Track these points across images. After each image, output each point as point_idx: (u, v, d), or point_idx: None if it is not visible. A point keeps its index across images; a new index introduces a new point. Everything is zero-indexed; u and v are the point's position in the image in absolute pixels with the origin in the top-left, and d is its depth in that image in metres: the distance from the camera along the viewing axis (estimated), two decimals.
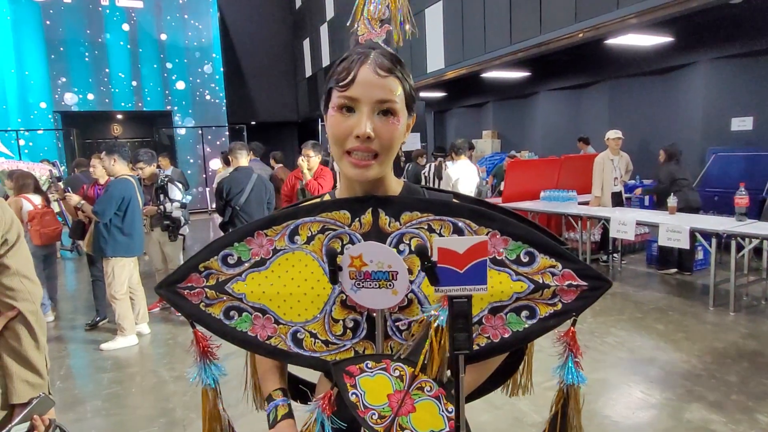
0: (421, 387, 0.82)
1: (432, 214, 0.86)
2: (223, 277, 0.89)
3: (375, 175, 0.85)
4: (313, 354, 0.88)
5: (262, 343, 0.88)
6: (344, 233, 0.88)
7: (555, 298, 0.84)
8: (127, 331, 4.21)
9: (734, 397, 2.99)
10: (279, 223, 0.89)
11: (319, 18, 13.50)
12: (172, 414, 3.10)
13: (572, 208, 6.05)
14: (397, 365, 0.83)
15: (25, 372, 1.34)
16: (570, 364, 0.88)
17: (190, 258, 0.91)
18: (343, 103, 0.82)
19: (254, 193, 4.29)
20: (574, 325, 0.87)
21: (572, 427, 0.91)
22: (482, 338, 0.84)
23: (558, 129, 10.77)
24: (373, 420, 0.82)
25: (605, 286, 0.84)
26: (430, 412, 0.81)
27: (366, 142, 0.81)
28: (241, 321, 0.89)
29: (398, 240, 0.86)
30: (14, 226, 1.35)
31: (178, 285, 0.90)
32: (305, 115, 15.79)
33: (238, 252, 0.89)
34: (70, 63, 11.88)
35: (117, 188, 4.07)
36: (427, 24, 8.87)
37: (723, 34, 7.11)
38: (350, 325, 0.88)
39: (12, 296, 1.32)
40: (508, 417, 2.87)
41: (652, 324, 4.24)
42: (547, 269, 0.84)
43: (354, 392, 0.83)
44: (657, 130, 8.56)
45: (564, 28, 6.09)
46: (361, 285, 0.82)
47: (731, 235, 4.34)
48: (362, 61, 0.82)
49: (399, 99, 0.83)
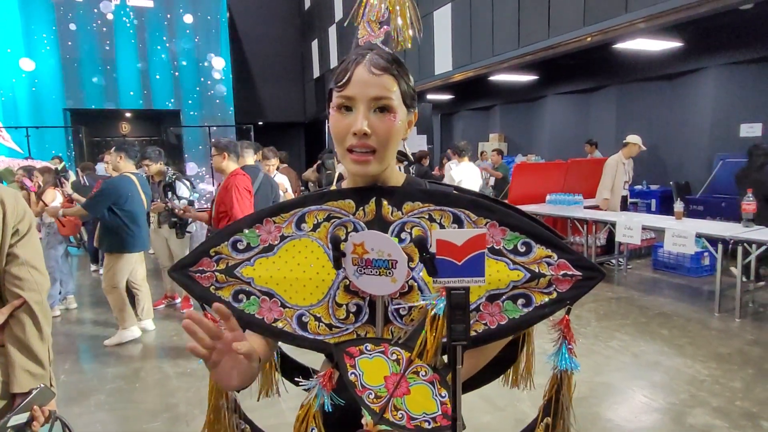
0: (417, 371, 0.85)
1: (433, 204, 0.89)
2: (232, 261, 0.93)
3: (375, 170, 0.88)
4: (317, 337, 0.91)
5: (269, 326, 0.91)
6: (349, 221, 0.91)
7: (550, 287, 0.86)
8: (127, 323, 4.24)
9: (738, 403, 2.97)
10: (287, 211, 0.93)
11: (328, 19, 13.56)
12: (175, 409, 3.12)
13: (578, 212, 6.03)
14: (395, 349, 0.86)
15: (27, 362, 1.35)
16: (564, 351, 0.91)
17: (202, 243, 0.95)
18: (341, 102, 0.87)
19: (261, 191, 4.31)
20: (568, 314, 0.90)
21: (564, 411, 0.93)
22: (480, 325, 0.87)
23: (565, 133, 10.75)
24: (370, 399, 0.85)
25: (599, 276, 0.86)
26: (424, 395, 0.84)
27: (363, 138, 0.85)
28: (249, 304, 0.92)
29: (400, 229, 0.89)
30: (26, 217, 1.38)
31: (189, 268, 0.94)
32: (312, 116, 15.85)
33: (248, 238, 0.93)
34: (80, 61, 11.99)
35: (112, 185, 4.11)
36: (435, 26, 8.89)
37: (732, 39, 7.08)
38: (353, 310, 0.90)
39: (19, 285, 1.34)
40: (510, 419, 2.86)
41: (656, 329, 4.22)
42: (543, 259, 0.86)
43: (353, 372, 0.87)
44: (665, 136, 8.53)
45: (572, 31, 6.09)
46: (363, 271, 0.85)
47: (738, 241, 4.31)
48: (358, 61, 0.87)
49: (395, 96, 0.87)
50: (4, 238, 1.32)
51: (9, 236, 1.33)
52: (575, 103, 10.58)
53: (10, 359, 1.33)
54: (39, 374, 1.36)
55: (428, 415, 0.84)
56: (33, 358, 1.36)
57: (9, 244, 1.33)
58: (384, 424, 0.84)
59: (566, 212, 6.10)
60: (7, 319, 1.34)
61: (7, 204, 1.32)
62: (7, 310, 1.33)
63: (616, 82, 9.33)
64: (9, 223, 1.32)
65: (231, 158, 3.75)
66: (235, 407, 1.02)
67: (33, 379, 1.34)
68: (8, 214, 1.32)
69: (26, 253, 1.36)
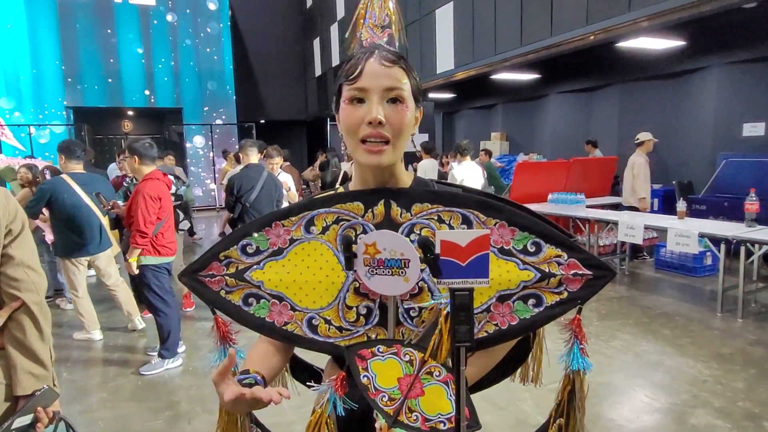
0: (430, 372, 0.85)
1: (441, 205, 0.89)
2: (242, 265, 0.93)
3: (389, 161, 0.88)
4: (327, 339, 0.91)
5: (279, 329, 0.92)
6: (358, 223, 0.91)
7: (561, 286, 0.86)
8: (89, 326, 4.21)
9: (741, 404, 2.97)
10: (295, 214, 0.93)
11: (330, 18, 13.54)
12: (177, 407, 3.12)
13: (580, 211, 6.02)
14: (408, 350, 0.86)
15: (29, 363, 1.32)
16: (576, 351, 0.91)
17: (212, 247, 0.95)
18: (354, 95, 0.86)
19: (264, 190, 4.31)
20: (579, 313, 0.89)
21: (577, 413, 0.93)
22: (490, 325, 0.87)
23: (567, 132, 10.72)
24: (384, 402, 0.85)
25: (609, 275, 0.86)
26: (438, 396, 0.84)
27: (378, 127, 0.85)
28: (259, 307, 0.92)
29: (409, 230, 0.89)
30: (18, 216, 1.34)
31: (199, 273, 0.94)
32: (314, 115, 15.84)
33: (257, 242, 0.93)
34: (82, 59, 12.00)
35: (40, 189, 3.93)
36: (437, 25, 8.87)
37: (736, 38, 7.05)
38: (363, 312, 0.90)
39: (16, 287, 1.31)
40: (512, 418, 2.86)
41: (658, 329, 4.21)
42: (553, 259, 0.86)
43: (365, 375, 0.86)
44: (667, 135, 8.50)
45: (575, 30, 6.07)
46: (375, 272, 0.85)
47: (741, 240, 4.30)
48: (368, 56, 0.87)
49: (406, 87, 0.88)
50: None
51: (2, 237, 1.29)
52: (578, 102, 10.55)
53: (11, 362, 1.31)
54: (42, 375, 1.34)
55: (443, 416, 0.84)
56: (35, 360, 1.33)
57: (3, 245, 1.29)
58: (399, 427, 0.83)
59: (568, 212, 6.09)
60: (6, 321, 1.31)
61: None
62: (6, 312, 1.31)
63: (619, 81, 9.29)
64: (2, 223, 1.28)
65: (144, 162, 3.54)
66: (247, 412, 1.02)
67: (36, 381, 1.32)
68: (0, 214, 1.27)
69: (21, 253, 1.32)
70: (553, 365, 0.93)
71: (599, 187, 7.52)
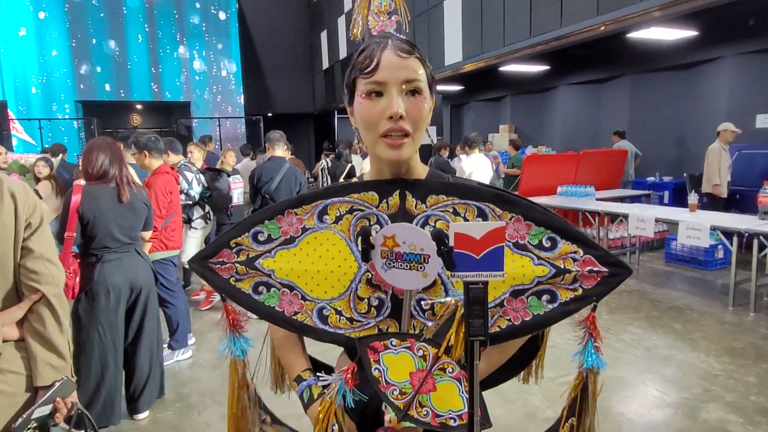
0: (443, 368, 0.84)
1: (457, 197, 0.88)
2: (253, 253, 0.92)
3: (409, 154, 0.87)
4: (338, 330, 0.90)
5: (289, 318, 0.91)
6: (372, 214, 0.90)
7: (576, 283, 0.85)
8: None
9: (753, 398, 2.94)
10: (308, 203, 0.91)
11: (337, 10, 13.48)
12: (187, 399, 3.14)
13: (590, 204, 5.97)
14: (421, 345, 0.85)
15: (49, 355, 1.34)
16: (590, 349, 0.90)
17: (223, 234, 0.94)
18: (371, 88, 0.84)
19: (284, 182, 4.39)
20: (594, 311, 0.89)
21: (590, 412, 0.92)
22: (503, 320, 0.85)
23: (577, 124, 10.63)
24: (394, 395, 0.84)
25: (625, 273, 0.85)
26: (450, 392, 0.83)
27: (399, 121, 0.83)
28: (269, 296, 0.91)
29: (424, 222, 0.88)
30: (37, 210, 1.36)
31: (209, 260, 0.93)
32: (321, 108, 15.82)
33: (269, 230, 0.92)
34: (91, 53, 12.04)
35: None
36: (445, 16, 8.80)
37: (749, 28, 6.93)
38: (375, 304, 0.89)
39: (36, 279, 1.33)
40: (521, 412, 2.85)
41: (669, 323, 4.18)
42: (568, 255, 0.85)
43: (377, 367, 0.85)
44: (679, 127, 8.40)
45: (585, 20, 5.99)
46: (392, 265, 0.83)
47: (753, 233, 4.24)
48: (383, 47, 0.85)
49: (423, 78, 0.86)
50: (18, 232, 1.30)
51: (22, 230, 1.31)
52: (587, 94, 10.44)
53: (32, 353, 1.33)
54: (61, 366, 1.36)
55: (454, 412, 0.83)
56: (54, 351, 1.35)
57: (23, 238, 1.32)
58: (408, 421, 0.83)
59: (578, 204, 6.04)
60: (26, 313, 1.34)
61: (18, 197, 1.30)
62: (26, 304, 1.33)
63: (630, 72, 9.18)
64: (21, 216, 1.30)
65: (153, 155, 3.51)
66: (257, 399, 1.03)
67: (55, 372, 1.34)
68: (20, 208, 1.30)
69: (40, 246, 1.35)
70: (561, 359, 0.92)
71: (609, 179, 7.45)
